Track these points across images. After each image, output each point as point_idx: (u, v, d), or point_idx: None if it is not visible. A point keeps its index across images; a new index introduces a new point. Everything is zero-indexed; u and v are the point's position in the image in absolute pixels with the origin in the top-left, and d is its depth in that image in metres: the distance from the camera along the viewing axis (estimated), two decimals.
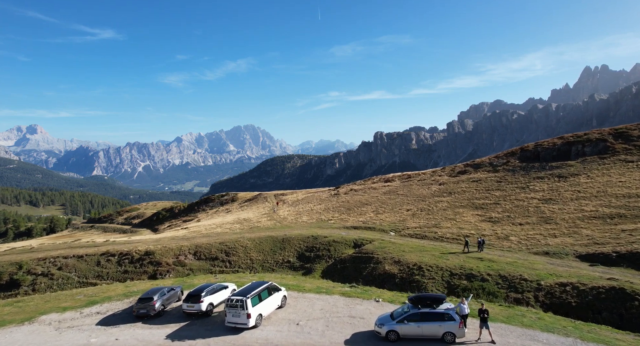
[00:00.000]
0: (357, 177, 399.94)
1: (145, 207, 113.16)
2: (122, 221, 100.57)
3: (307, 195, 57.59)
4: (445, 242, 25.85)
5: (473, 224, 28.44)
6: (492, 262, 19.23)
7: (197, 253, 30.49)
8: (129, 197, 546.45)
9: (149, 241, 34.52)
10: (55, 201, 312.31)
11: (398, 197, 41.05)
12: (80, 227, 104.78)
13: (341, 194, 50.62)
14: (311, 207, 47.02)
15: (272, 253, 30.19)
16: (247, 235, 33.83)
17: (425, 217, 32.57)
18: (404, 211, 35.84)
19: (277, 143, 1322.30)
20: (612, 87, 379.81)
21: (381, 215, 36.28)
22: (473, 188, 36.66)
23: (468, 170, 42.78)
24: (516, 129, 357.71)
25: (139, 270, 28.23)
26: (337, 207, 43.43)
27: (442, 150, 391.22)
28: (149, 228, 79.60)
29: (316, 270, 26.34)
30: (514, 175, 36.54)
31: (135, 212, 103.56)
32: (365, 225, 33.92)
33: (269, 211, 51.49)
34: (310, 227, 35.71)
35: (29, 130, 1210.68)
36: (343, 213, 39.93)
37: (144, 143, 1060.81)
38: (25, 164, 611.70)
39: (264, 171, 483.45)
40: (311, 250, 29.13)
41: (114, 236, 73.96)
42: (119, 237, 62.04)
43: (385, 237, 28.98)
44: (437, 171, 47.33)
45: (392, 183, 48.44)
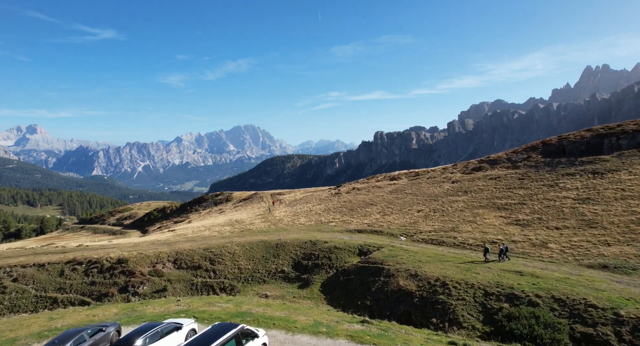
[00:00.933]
0: (357, 177, 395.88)
1: (138, 207, 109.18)
2: (114, 222, 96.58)
3: (306, 195, 53.52)
4: (467, 249, 21.76)
5: (498, 228, 24.33)
6: (536, 278, 15.16)
7: (177, 261, 26.40)
8: (129, 197, 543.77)
9: (125, 246, 30.45)
10: (53, 201, 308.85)
11: (406, 196, 36.95)
12: (70, 228, 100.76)
13: (343, 193, 46.53)
14: (310, 208, 42.94)
15: (264, 261, 26.10)
16: (236, 240, 29.75)
17: (440, 219, 28.47)
18: (414, 212, 31.74)
19: (277, 143, 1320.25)
20: (613, 86, 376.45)
21: (388, 216, 32.19)
22: (492, 187, 32.57)
23: (483, 167, 38.67)
24: (517, 129, 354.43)
25: (109, 281, 24.16)
26: (339, 207, 39.34)
27: (443, 149, 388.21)
28: (139, 230, 75.60)
29: (314, 283, 22.27)
30: (537, 171, 32.45)
31: (128, 212, 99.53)
32: (371, 228, 29.84)
33: (264, 212, 47.42)
34: (309, 230, 31.63)
35: (28, 130, 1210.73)
36: (345, 215, 35.84)
37: (143, 143, 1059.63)
38: (24, 164, 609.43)
39: (264, 171, 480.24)
40: (309, 258, 25.04)
41: (100, 238, 69.90)
42: (103, 239, 58.03)
43: (395, 243, 24.89)
44: (448, 168, 43.22)
45: (398, 181, 44.35)
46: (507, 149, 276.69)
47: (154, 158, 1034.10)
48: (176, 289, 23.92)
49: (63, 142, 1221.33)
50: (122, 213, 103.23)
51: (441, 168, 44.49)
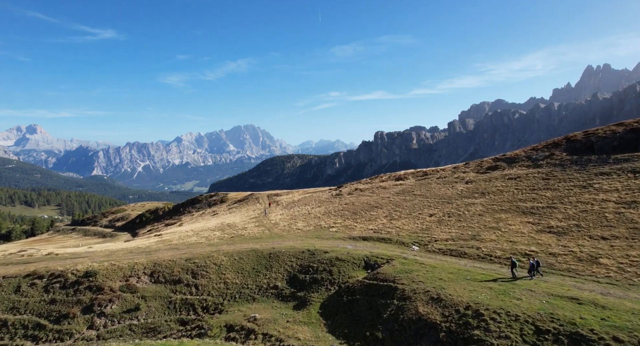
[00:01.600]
0: (357, 177, 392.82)
1: (132, 208, 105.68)
2: (106, 223, 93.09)
3: (305, 196, 49.94)
4: (496, 264, 18.16)
5: (528, 236, 20.74)
6: (602, 309, 11.58)
7: (155, 274, 22.83)
8: (128, 197, 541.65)
9: (99, 255, 26.88)
10: (51, 201, 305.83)
11: (415, 198, 33.35)
12: (61, 229, 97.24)
13: (344, 194, 42.95)
14: (308, 210, 39.36)
15: (255, 274, 22.53)
16: (224, 248, 26.18)
17: (457, 225, 24.88)
18: (425, 216, 28.14)
19: (277, 143, 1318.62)
20: (614, 86, 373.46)
21: (397, 221, 28.59)
22: (512, 188, 28.96)
23: (500, 166, 35.07)
24: (518, 129, 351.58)
25: (72, 299, 20.61)
26: (340, 210, 35.75)
27: (443, 149, 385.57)
28: (130, 232, 72.10)
29: (313, 303, 18.69)
30: (564, 170, 28.84)
31: (120, 213, 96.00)
32: (378, 234, 26.25)
33: (259, 214, 43.84)
34: (307, 237, 28.06)
35: (28, 130, 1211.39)
36: (347, 219, 32.25)
37: (143, 143, 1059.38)
38: (24, 164, 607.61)
39: (264, 171, 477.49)
40: (306, 271, 21.46)
41: (88, 241, 66.33)
42: (90, 243, 54.41)
43: (407, 254, 21.30)
44: (460, 167, 39.62)
45: (405, 182, 40.74)
46: (507, 149, 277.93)
47: (154, 158, 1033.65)
48: (151, 308, 20.37)
49: (63, 142, 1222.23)
50: (114, 214, 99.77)
51: (452, 167, 40.88)
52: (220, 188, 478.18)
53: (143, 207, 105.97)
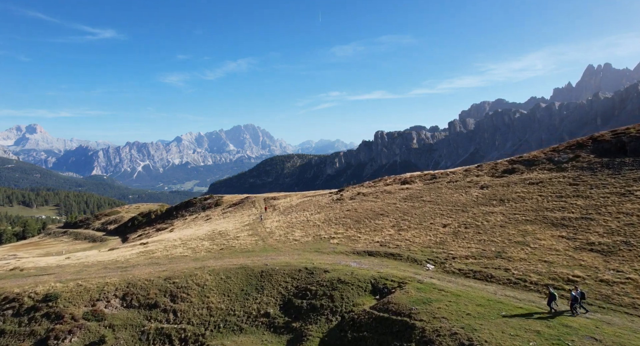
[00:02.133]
0: (357, 177, 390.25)
1: (126, 210, 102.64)
2: (98, 226, 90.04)
3: (304, 200, 46.72)
4: (533, 291, 14.91)
5: (564, 254, 17.51)
6: None
7: (127, 297, 19.65)
8: (128, 196, 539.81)
9: (68, 271, 23.67)
10: (49, 201, 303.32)
11: (425, 205, 30.11)
12: (53, 232, 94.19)
13: (346, 199, 39.71)
14: (307, 217, 36.13)
15: (243, 297, 19.34)
16: (211, 264, 23.00)
17: (476, 239, 21.66)
18: (439, 227, 24.91)
19: (277, 143, 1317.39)
20: (615, 85, 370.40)
21: (406, 232, 25.37)
22: (536, 194, 25.73)
23: (517, 169, 31.81)
24: (519, 128, 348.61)
25: (24, 330, 17.44)
26: (342, 217, 32.52)
27: (444, 149, 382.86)
28: (121, 236, 69.01)
29: (310, 337, 15.49)
30: (594, 175, 25.60)
31: (114, 216, 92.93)
32: (385, 248, 23.04)
33: (254, 220, 40.66)
34: (304, 250, 24.85)
35: (28, 129, 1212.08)
36: (350, 228, 29.02)
37: (143, 143, 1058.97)
38: (23, 164, 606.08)
39: (264, 171, 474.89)
40: (304, 296, 18.26)
41: (76, 246, 63.16)
42: (77, 248, 51.13)
43: (421, 275, 18.09)
44: (472, 170, 36.35)
45: (412, 186, 37.49)
46: (508, 149, 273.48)
47: (154, 158, 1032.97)
48: (119, 340, 17.19)
49: (63, 142, 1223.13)
50: (108, 216, 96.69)
51: (462, 170, 37.60)
52: (220, 188, 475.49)
53: (137, 209, 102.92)
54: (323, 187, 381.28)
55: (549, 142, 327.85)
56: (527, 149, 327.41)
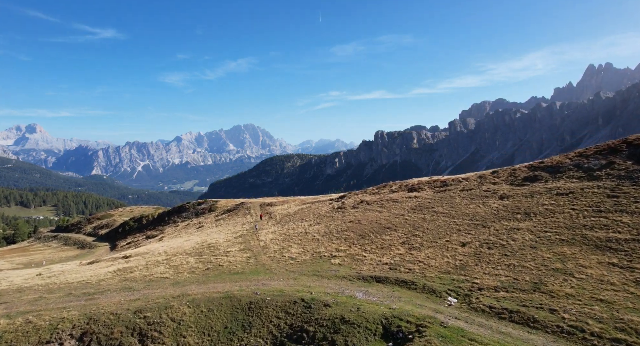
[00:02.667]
0: (357, 177, 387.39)
1: (120, 213, 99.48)
2: (90, 230, 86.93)
3: (302, 207, 43.37)
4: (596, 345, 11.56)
5: (623, 291, 14.11)
6: None
7: (86, 337, 16.31)
8: (128, 196, 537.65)
9: (24, 300, 20.35)
10: (47, 201, 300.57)
11: (438, 218, 26.75)
12: (43, 236, 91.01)
13: (348, 208, 36.37)
14: (305, 228, 32.81)
15: (227, 337, 16.00)
16: (192, 290, 19.69)
17: (504, 262, 18.32)
18: (456, 246, 21.57)
19: (277, 143, 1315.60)
20: (616, 85, 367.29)
21: (418, 251, 22.03)
22: (567, 208, 22.37)
23: (540, 176, 28.42)
24: (519, 128, 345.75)
25: None
26: (344, 230, 29.18)
27: (444, 149, 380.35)
28: (111, 242, 65.81)
29: None
30: (636, 185, 22.24)
31: (106, 219, 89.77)
32: (396, 272, 19.71)
33: (249, 230, 37.37)
34: (301, 273, 21.52)
35: (28, 129, 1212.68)
36: (354, 244, 25.69)
37: (143, 143, 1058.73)
38: (23, 163, 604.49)
39: (263, 171, 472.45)
40: (299, 339, 14.92)
41: (62, 253, 59.85)
42: (62, 257, 47.71)
43: (443, 313, 14.73)
44: (487, 176, 32.97)
45: (421, 194, 34.13)
46: (509, 149, 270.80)
47: (154, 157, 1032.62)
48: None
49: (63, 142, 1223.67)
50: (100, 220, 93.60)
51: (476, 176, 34.21)
52: (220, 188, 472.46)
53: (132, 212, 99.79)
54: (323, 187, 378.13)
55: (549, 141, 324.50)
56: (528, 149, 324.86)
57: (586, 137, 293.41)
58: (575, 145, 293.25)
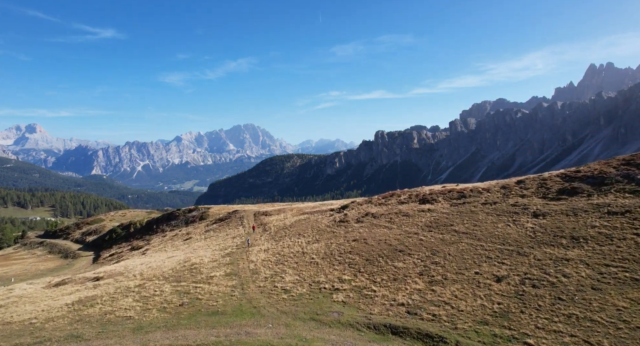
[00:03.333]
0: (357, 177, 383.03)
1: (111, 218, 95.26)
2: (78, 236, 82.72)
3: (300, 218, 38.98)
4: None
5: None
6: None
7: None
8: (127, 196, 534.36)
9: None
10: (45, 202, 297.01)
11: (460, 240, 22.37)
12: (29, 242, 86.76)
13: (351, 221, 32.02)
14: (303, 246, 28.46)
15: None
16: (155, 343, 15.34)
17: (561, 311, 13.94)
18: (490, 280, 17.20)
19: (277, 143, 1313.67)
20: (617, 85, 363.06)
21: (441, 287, 17.65)
22: (629, 232, 17.99)
23: (581, 189, 24.02)
24: (520, 128, 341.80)
25: None
26: (347, 251, 24.83)
27: (445, 149, 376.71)
28: (96, 252, 61.58)
29: None
30: None
31: (95, 225, 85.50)
32: (416, 320, 15.33)
33: (239, 246, 33.06)
34: (296, 316, 17.14)
35: (28, 129, 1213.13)
36: (360, 272, 21.33)
37: (143, 143, 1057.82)
38: (22, 163, 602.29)
39: (263, 171, 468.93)
40: None
41: (43, 263, 55.48)
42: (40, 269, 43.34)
43: None
44: (511, 187, 28.55)
45: (434, 206, 29.74)
46: (510, 149, 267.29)
47: (154, 157, 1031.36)
48: None
49: (62, 141, 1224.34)
50: (90, 225, 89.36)
51: (499, 186, 29.79)
52: (220, 188, 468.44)
53: (123, 216, 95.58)
54: (323, 187, 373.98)
55: (551, 141, 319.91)
56: (529, 149, 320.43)
57: (588, 137, 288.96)
58: (577, 145, 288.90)
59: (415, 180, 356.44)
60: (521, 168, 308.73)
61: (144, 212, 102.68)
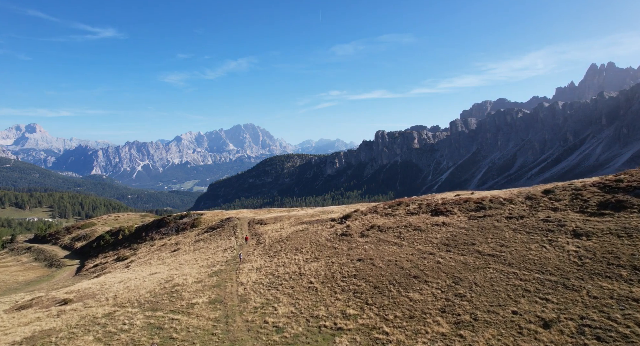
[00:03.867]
0: (358, 177, 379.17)
1: (103, 222, 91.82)
2: (67, 242, 79.24)
3: (297, 228, 35.31)
4: None
5: None
6: None
7: None
8: (127, 196, 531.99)
9: None
10: (43, 203, 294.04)
11: (487, 264, 18.72)
12: (17, 248, 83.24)
13: (354, 235, 28.38)
14: (300, 265, 24.85)
15: None
16: None
17: None
18: (535, 325, 13.55)
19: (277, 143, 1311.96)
20: (618, 85, 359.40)
21: (473, 333, 13.99)
22: None
23: (629, 203, 20.34)
24: (521, 128, 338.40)
25: None
26: (351, 275, 21.21)
27: (445, 149, 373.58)
28: (82, 260, 58.10)
29: None
30: None
31: (85, 230, 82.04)
32: None
33: (230, 261, 29.50)
34: None
35: (28, 129, 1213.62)
36: (367, 305, 17.69)
37: (143, 143, 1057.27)
38: (22, 163, 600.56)
39: (263, 171, 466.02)
40: None
41: (26, 272, 51.94)
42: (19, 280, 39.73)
43: None
44: (539, 198, 24.87)
45: (449, 220, 26.08)
46: (511, 149, 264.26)
47: (154, 157, 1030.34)
48: None
49: (62, 141, 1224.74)
50: (80, 229, 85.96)
51: (523, 196, 26.08)
52: (219, 188, 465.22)
53: (116, 220, 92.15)
54: (323, 187, 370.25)
55: (552, 141, 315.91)
56: (531, 149, 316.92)
57: (589, 137, 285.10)
58: (578, 146, 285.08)
59: (416, 180, 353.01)
60: (522, 168, 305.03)
61: (137, 215, 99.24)
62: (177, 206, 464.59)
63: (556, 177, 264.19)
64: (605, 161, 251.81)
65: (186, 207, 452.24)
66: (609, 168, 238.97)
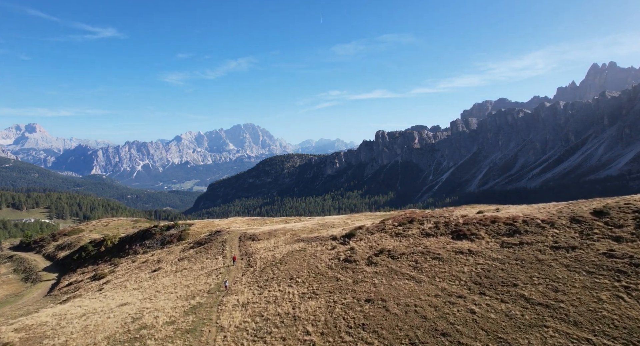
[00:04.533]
0: (358, 177, 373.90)
1: (91, 228, 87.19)
2: (51, 250, 74.63)
3: (293, 248, 30.59)
4: None
5: None
6: None
7: None
8: (127, 196, 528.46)
9: None
10: (40, 203, 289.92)
11: (542, 321, 14.03)
12: (0, 256, 78.58)
13: (360, 262, 23.69)
14: (295, 304, 20.18)
15: None
16: None
17: None
18: None
19: (277, 142, 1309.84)
20: (620, 84, 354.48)
21: None
22: None
23: None
24: (522, 128, 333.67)
25: None
26: (359, 324, 16.53)
27: (446, 149, 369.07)
28: (61, 273, 53.55)
29: None
30: None
31: (71, 237, 77.42)
32: None
33: (214, 287, 24.88)
34: None
35: (27, 128, 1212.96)
36: None
37: (143, 142, 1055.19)
38: (21, 163, 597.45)
39: (263, 171, 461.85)
40: None
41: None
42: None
43: None
44: (587, 220, 20.18)
45: (476, 246, 21.37)
46: (512, 149, 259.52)
47: (154, 157, 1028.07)
48: None
49: (62, 141, 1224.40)
50: (66, 236, 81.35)
51: (565, 217, 21.34)
52: (219, 188, 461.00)
53: (106, 225, 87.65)
54: (323, 188, 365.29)
55: (554, 142, 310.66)
56: (532, 149, 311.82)
57: (591, 137, 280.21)
58: (580, 146, 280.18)
59: (416, 181, 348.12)
60: (524, 168, 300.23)
61: (129, 220, 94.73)
62: (176, 206, 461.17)
63: (558, 177, 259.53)
64: (607, 161, 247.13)
65: (186, 207, 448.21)
66: (611, 169, 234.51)
